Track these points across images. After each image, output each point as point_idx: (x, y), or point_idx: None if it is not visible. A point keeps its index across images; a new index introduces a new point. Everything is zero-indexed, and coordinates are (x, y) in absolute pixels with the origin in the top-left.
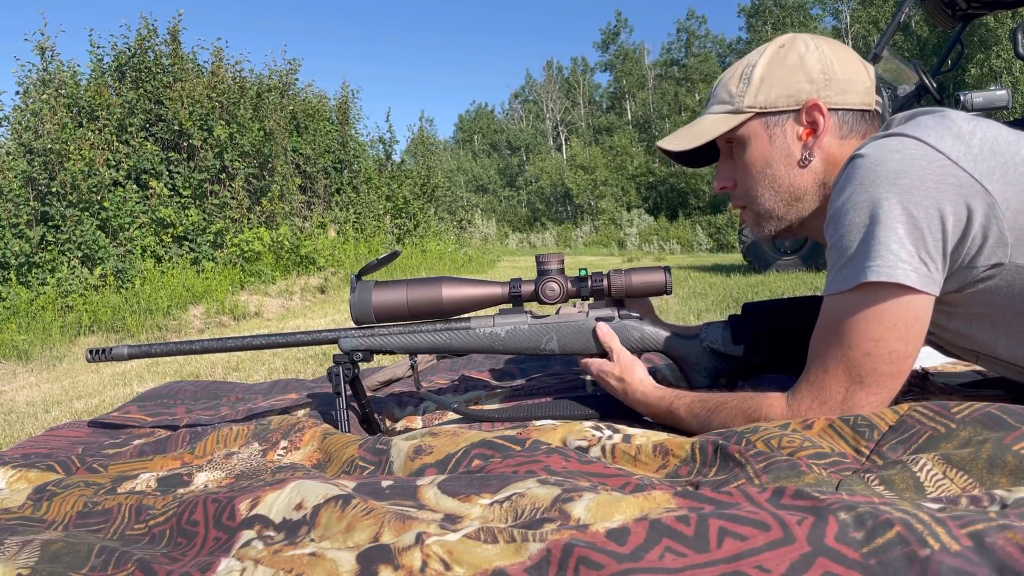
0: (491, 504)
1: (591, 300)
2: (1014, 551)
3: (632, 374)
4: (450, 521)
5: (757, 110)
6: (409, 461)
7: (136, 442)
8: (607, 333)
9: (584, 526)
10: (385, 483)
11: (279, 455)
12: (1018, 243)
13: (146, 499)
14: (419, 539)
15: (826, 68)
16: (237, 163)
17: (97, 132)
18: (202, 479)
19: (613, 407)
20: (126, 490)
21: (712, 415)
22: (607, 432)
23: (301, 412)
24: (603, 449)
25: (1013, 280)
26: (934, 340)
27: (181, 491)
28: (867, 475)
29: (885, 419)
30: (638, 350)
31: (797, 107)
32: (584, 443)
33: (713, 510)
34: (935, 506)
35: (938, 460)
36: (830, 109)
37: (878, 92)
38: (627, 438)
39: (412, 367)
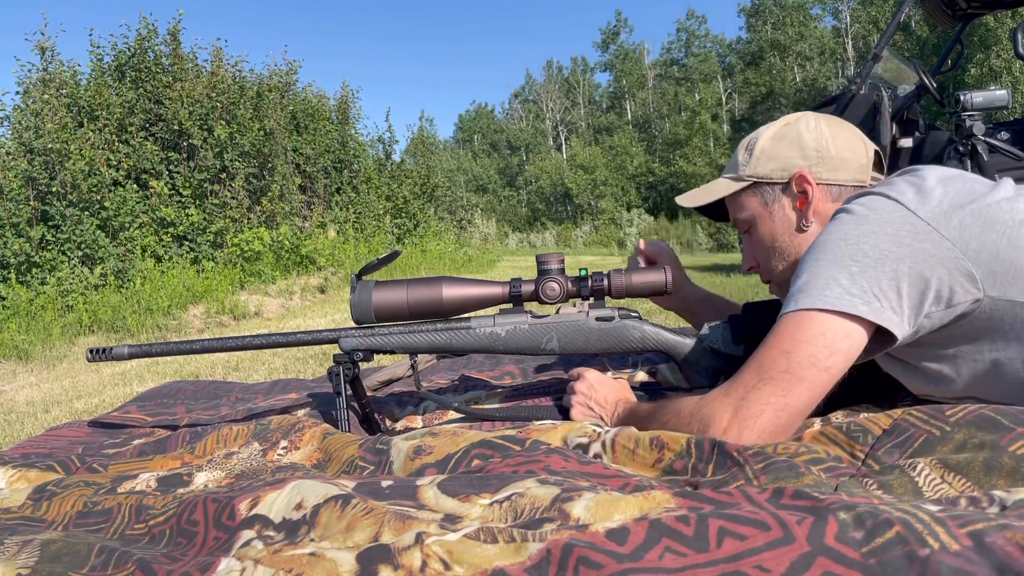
0: (491, 504)
1: (591, 300)
2: (1014, 551)
3: (628, 391)
4: (450, 521)
5: (755, 179)
6: (409, 461)
7: (136, 442)
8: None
9: (584, 526)
10: (385, 483)
11: (279, 455)
12: (987, 277)
13: (146, 499)
14: (419, 539)
15: (820, 146)
16: (237, 163)
17: (97, 132)
18: (202, 479)
19: None
20: (126, 490)
21: (661, 410)
22: (606, 427)
23: (301, 412)
24: (603, 444)
25: (992, 311)
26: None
27: (181, 491)
28: (865, 480)
29: (879, 423)
30: (638, 350)
31: (788, 179)
32: (584, 439)
33: (713, 510)
34: (935, 507)
35: (936, 465)
36: (820, 183)
37: (878, 169)
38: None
39: (412, 367)
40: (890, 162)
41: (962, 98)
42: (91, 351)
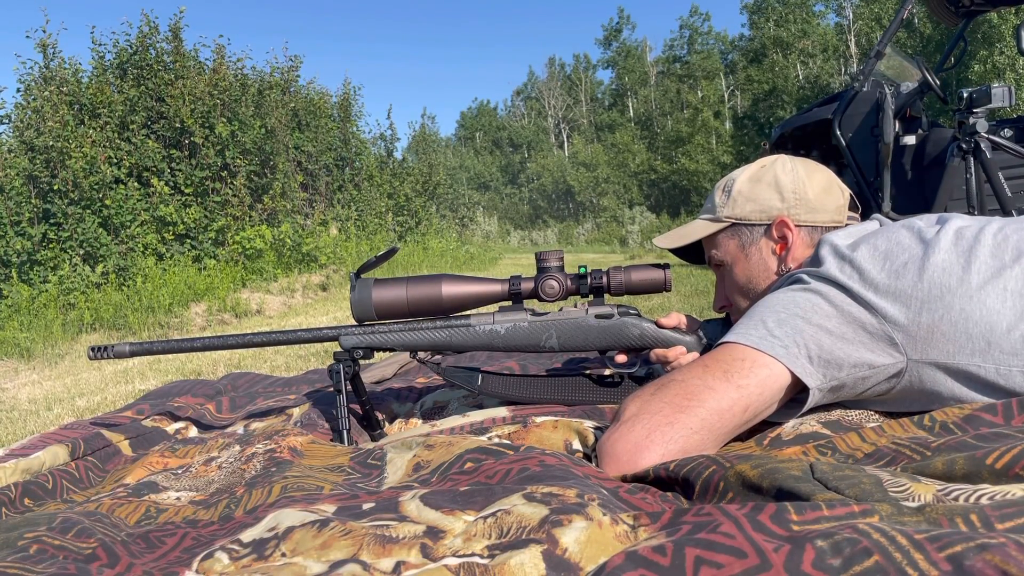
0: (475, 520)
1: (591, 297)
2: (992, 573)
3: None
4: (432, 535)
5: (733, 220)
6: (407, 479)
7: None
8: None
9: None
10: (366, 505)
11: (256, 449)
12: (907, 341)
13: (119, 510)
14: (397, 569)
15: (797, 189)
16: (239, 160)
17: (99, 129)
18: (174, 494)
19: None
20: (105, 492)
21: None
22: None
23: (298, 411)
24: (594, 460)
25: (922, 377)
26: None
27: (153, 498)
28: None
29: (861, 450)
30: (637, 348)
31: (768, 222)
32: (584, 450)
33: (688, 532)
34: (912, 528)
35: (914, 479)
36: (799, 225)
37: (852, 208)
38: None
39: (422, 362)
40: (893, 159)
41: (964, 95)
42: (92, 349)
